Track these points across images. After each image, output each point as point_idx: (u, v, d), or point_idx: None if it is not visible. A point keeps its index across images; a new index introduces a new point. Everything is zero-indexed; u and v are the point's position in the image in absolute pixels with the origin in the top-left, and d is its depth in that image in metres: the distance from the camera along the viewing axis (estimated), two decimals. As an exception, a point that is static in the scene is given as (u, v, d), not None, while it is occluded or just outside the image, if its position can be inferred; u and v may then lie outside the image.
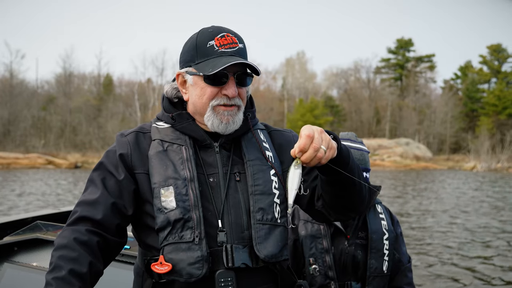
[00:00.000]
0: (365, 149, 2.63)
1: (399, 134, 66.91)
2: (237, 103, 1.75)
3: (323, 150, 1.48)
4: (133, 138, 1.79)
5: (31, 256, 2.73)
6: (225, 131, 1.75)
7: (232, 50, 1.71)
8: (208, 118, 1.74)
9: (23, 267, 2.65)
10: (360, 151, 2.59)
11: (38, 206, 16.46)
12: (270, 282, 1.75)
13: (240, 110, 1.77)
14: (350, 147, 2.55)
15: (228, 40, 1.72)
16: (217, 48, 1.70)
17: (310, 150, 1.47)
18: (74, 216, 1.67)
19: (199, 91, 1.75)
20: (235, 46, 1.73)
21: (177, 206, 1.65)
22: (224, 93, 1.71)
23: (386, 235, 2.56)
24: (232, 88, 1.71)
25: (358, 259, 2.51)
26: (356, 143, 2.62)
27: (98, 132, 57.51)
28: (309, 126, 1.51)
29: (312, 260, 2.48)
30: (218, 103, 1.72)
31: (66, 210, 3.76)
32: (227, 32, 1.74)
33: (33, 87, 65.69)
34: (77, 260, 1.55)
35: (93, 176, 1.75)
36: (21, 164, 45.54)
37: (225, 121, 1.73)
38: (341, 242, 2.52)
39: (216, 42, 1.71)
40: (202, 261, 1.61)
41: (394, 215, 2.73)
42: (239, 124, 1.77)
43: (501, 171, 52.24)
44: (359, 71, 76.40)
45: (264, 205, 1.71)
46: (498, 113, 65.84)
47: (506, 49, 71.40)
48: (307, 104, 64.79)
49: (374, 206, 2.63)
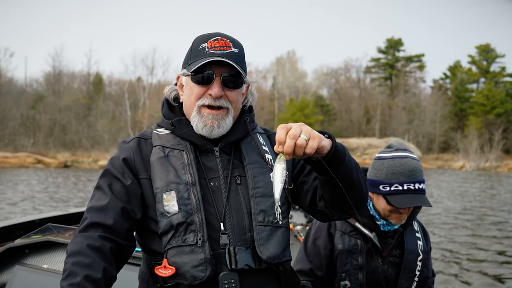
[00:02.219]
0: (415, 157, 2.43)
1: (388, 134, 67.19)
2: (223, 105, 1.76)
3: (303, 139, 1.48)
4: (135, 144, 1.83)
5: (42, 259, 2.74)
6: (210, 135, 1.78)
7: (222, 52, 1.73)
8: (193, 119, 1.78)
9: (34, 270, 2.66)
10: (415, 161, 2.40)
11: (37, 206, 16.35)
12: (274, 283, 1.78)
13: (229, 113, 1.78)
14: (401, 156, 2.40)
15: (220, 43, 1.75)
16: (207, 50, 1.74)
17: (288, 139, 1.47)
18: (85, 223, 1.69)
19: (188, 90, 1.79)
20: (227, 49, 1.75)
21: (180, 210, 1.68)
22: (209, 93, 1.74)
23: (420, 257, 2.51)
24: (216, 88, 1.74)
25: (390, 278, 2.47)
26: (406, 151, 2.44)
27: (88, 131, 57.14)
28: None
29: (344, 276, 2.44)
30: (203, 103, 1.75)
31: (75, 211, 3.80)
32: (222, 36, 1.78)
33: (22, 86, 65.18)
34: (92, 266, 1.56)
35: (100, 183, 1.78)
36: (10, 163, 45.14)
37: (209, 125, 1.75)
38: (375, 259, 2.46)
39: (208, 45, 1.75)
40: (206, 263, 1.64)
41: (426, 230, 2.69)
42: (226, 128, 1.79)
43: (490, 170, 52.73)
44: (349, 70, 76.66)
45: (265, 207, 1.74)
46: (486, 112, 66.33)
47: (494, 49, 71.99)
48: (297, 103, 64.86)
49: (412, 224, 2.56)
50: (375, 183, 2.41)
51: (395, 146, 2.48)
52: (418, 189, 2.35)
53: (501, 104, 66.04)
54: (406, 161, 2.37)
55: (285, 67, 75.01)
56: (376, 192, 2.42)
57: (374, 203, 2.45)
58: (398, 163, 2.37)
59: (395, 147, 2.48)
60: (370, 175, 2.46)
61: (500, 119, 65.26)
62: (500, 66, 72.27)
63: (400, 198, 2.34)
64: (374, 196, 2.45)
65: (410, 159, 2.39)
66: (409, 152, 2.43)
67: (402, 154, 2.41)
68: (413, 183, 2.35)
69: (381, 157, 2.45)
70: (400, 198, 2.34)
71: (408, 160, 2.38)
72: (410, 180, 2.35)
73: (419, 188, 2.36)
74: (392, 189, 2.36)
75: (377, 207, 2.43)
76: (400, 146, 2.48)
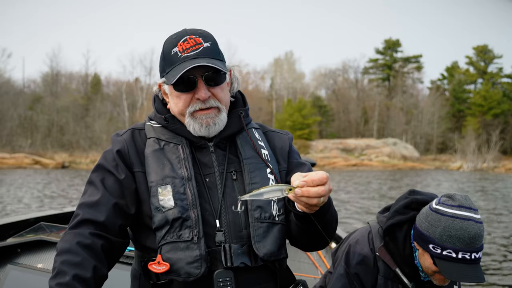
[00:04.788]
0: (479, 219, 2.06)
1: (386, 134, 67.30)
2: (213, 105, 1.72)
3: (321, 201, 1.47)
4: (128, 136, 1.79)
5: (35, 258, 2.70)
6: (208, 134, 1.75)
7: (195, 52, 1.68)
8: (189, 124, 1.74)
9: (26, 269, 2.62)
10: (478, 224, 2.02)
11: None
12: (269, 281, 1.74)
13: (220, 111, 1.75)
14: (463, 217, 2.03)
15: (190, 43, 1.70)
16: (180, 54, 1.69)
17: (314, 192, 1.44)
18: (76, 219, 1.64)
19: (174, 99, 1.75)
20: (198, 47, 1.69)
21: (176, 205, 1.64)
22: (196, 97, 1.70)
23: None
24: (202, 91, 1.69)
25: None
26: (471, 211, 2.05)
27: (85, 131, 57.04)
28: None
29: None
30: (194, 109, 1.72)
31: (68, 210, 3.75)
32: (190, 35, 1.72)
33: (20, 86, 65.02)
34: (81, 265, 1.51)
35: (92, 177, 1.74)
36: (7, 164, 45.04)
37: (205, 124, 1.72)
38: None
39: (179, 48, 1.69)
40: (201, 260, 1.61)
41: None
42: (222, 125, 1.76)
43: (487, 170, 52.79)
44: (347, 71, 76.87)
45: (262, 203, 1.71)
46: (484, 113, 66.49)
47: (492, 50, 72.24)
48: (295, 104, 64.85)
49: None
50: (426, 239, 2.09)
51: (458, 200, 2.07)
52: (474, 259, 2.01)
53: (499, 104, 66.22)
54: (468, 225, 2.00)
55: (283, 68, 75.06)
56: (424, 249, 2.11)
57: (419, 256, 2.17)
58: (458, 226, 2.01)
59: (458, 202, 2.07)
60: (421, 226, 2.13)
61: (497, 119, 65.43)
62: (497, 67, 72.58)
63: (451, 267, 2.02)
64: (420, 249, 2.15)
65: (473, 222, 2.01)
66: (474, 211, 2.05)
67: (465, 215, 2.03)
68: (470, 253, 2.00)
69: (439, 211, 2.08)
70: (451, 267, 2.02)
71: (470, 224, 2.00)
72: (467, 249, 1.99)
73: (475, 258, 2.01)
74: (444, 253, 2.03)
75: (422, 262, 2.16)
76: (464, 202, 2.06)
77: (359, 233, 2.42)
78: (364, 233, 2.39)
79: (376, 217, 2.44)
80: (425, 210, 2.16)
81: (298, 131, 60.75)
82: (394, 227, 2.26)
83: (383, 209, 2.46)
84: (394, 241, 2.25)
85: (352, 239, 2.39)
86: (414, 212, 2.25)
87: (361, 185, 29.59)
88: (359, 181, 33.27)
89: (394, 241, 2.25)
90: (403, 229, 2.24)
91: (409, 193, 2.35)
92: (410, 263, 2.22)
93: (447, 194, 2.13)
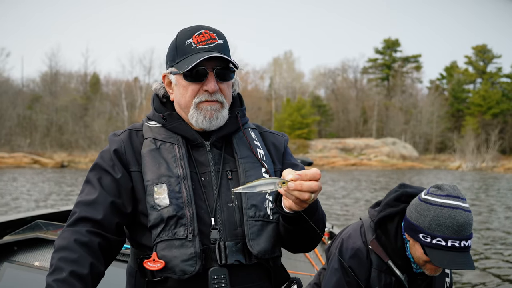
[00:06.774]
0: (468, 208, 2.09)
1: (385, 134, 67.32)
2: (219, 99, 1.75)
3: (312, 197, 1.47)
4: (126, 136, 1.81)
5: (31, 256, 2.71)
6: (209, 127, 1.76)
7: (210, 46, 1.72)
8: (192, 116, 1.76)
9: (23, 267, 2.63)
10: (466, 213, 2.06)
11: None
12: (264, 279, 1.76)
13: (223, 107, 1.77)
14: (451, 206, 2.06)
15: (206, 36, 1.73)
16: (194, 45, 1.72)
17: (307, 186, 1.44)
18: (73, 217, 1.66)
19: (181, 89, 1.77)
20: (213, 42, 1.73)
21: (171, 203, 1.66)
22: (205, 88, 1.73)
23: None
24: (212, 83, 1.72)
25: None
26: (459, 199, 2.08)
27: (84, 131, 57.02)
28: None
29: None
30: (200, 99, 1.74)
31: (65, 209, 3.75)
32: (205, 29, 1.75)
33: (18, 86, 65.00)
34: (78, 262, 1.54)
35: (89, 176, 1.76)
36: (6, 164, 45.00)
37: (209, 116, 1.74)
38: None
39: (194, 40, 1.73)
40: (196, 257, 1.63)
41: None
42: (223, 120, 1.78)
43: (486, 170, 52.85)
44: (346, 71, 76.89)
45: (257, 201, 1.73)
46: (483, 113, 66.54)
47: (491, 49, 72.29)
48: (294, 103, 64.87)
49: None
50: (415, 229, 2.12)
51: (446, 189, 2.11)
52: (463, 247, 2.04)
53: (498, 104, 66.29)
54: (456, 214, 2.03)
55: (282, 68, 75.07)
56: (414, 239, 2.15)
57: (410, 247, 2.21)
58: (447, 214, 2.04)
59: (446, 191, 2.10)
60: (411, 216, 2.16)
61: (496, 119, 65.50)
62: (496, 66, 72.69)
63: (441, 255, 2.05)
64: (411, 240, 2.19)
65: (461, 210, 2.04)
66: (462, 200, 2.08)
67: (453, 203, 2.06)
68: (459, 240, 2.03)
69: (428, 201, 2.11)
70: (441, 255, 2.05)
71: (458, 212, 2.04)
72: (456, 237, 2.03)
73: (464, 246, 2.04)
74: (434, 242, 2.06)
75: (413, 252, 2.20)
76: (452, 192, 2.10)
77: (351, 228, 2.45)
78: (356, 227, 2.42)
79: (368, 212, 2.47)
80: (415, 201, 2.20)
81: (297, 131, 60.81)
82: (385, 220, 2.30)
83: (375, 204, 2.49)
84: (385, 233, 2.28)
85: (345, 234, 2.42)
86: (404, 204, 2.28)
87: (360, 184, 29.64)
88: (358, 180, 33.30)
89: (386, 233, 2.28)
90: (394, 221, 2.28)
91: (399, 187, 2.40)
92: (402, 255, 2.25)
93: (436, 185, 2.16)
